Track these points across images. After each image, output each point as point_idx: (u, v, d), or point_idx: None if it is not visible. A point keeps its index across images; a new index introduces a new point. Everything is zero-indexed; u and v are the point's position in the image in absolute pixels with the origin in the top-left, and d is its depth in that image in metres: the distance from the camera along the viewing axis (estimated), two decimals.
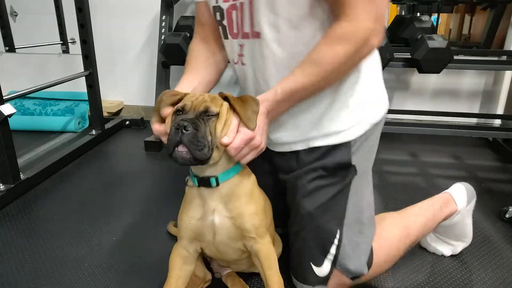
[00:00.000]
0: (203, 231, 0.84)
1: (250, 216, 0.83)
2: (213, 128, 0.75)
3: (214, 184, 0.81)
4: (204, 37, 1.06)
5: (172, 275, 0.88)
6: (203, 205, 0.83)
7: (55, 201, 1.51)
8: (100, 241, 1.26)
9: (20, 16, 2.57)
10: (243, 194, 0.83)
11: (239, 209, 0.83)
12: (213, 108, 0.75)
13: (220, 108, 0.77)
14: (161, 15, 2.16)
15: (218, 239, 0.85)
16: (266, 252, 0.86)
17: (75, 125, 2.33)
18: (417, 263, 1.16)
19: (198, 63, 1.03)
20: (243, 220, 0.82)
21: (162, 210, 1.45)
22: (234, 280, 1.04)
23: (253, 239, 0.85)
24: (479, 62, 2.00)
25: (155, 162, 1.92)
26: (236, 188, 0.83)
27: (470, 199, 1.15)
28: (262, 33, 0.87)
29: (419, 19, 2.00)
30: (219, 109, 0.76)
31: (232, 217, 0.83)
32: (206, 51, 1.06)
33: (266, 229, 0.88)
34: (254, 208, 0.84)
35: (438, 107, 2.39)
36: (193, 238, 0.87)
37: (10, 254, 1.18)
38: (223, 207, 0.83)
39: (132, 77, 2.60)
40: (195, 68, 1.02)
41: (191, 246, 0.88)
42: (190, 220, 0.84)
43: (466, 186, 1.17)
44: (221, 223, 0.83)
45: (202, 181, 0.81)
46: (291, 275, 1.02)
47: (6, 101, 1.47)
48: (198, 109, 0.75)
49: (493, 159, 2.00)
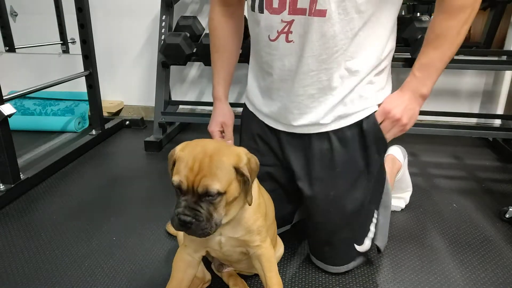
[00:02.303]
0: (209, 244, 0.86)
1: (258, 230, 0.84)
2: (221, 207, 0.71)
3: None
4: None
5: (176, 277, 0.88)
6: None
7: (55, 201, 1.51)
8: (100, 241, 1.26)
9: (20, 16, 2.57)
10: (252, 214, 0.83)
11: (248, 228, 0.83)
12: (214, 187, 0.68)
13: (228, 186, 0.70)
14: (161, 15, 2.16)
15: (223, 250, 0.87)
16: (267, 256, 0.87)
17: (75, 125, 2.33)
18: (417, 263, 1.16)
19: (226, 51, 1.10)
20: (251, 234, 0.84)
21: (162, 210, 1.45)
22: (236, 280, 1.04)
23: (256, 246, 0.86)
24: (479, 62, 1.99)
25: (155, 162, 1.92)
26: (245, 213, 0.82)
27: (404, 155, 1.40)
28: (329, 12, 0.85)
29: (419, 19, 2.00)
30: (224, 187, 0.69)
31: (241, 235, 0.84)
32: (229, 28, 1.09)
33: (266, 232, 0.89)
34: (260, 221, 0.85)
35: (438, 107, 2.39)
36: (199, 248, 0.88)
37: (10, 254, 1.18)
38: (230, 229, 0.83)
39: (132, 77, 2.60)
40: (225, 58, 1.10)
41: (196, 253, 0.89)
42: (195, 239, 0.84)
43: (399, 147, 1.42)
44: (227, 241, 0.84)
45: None
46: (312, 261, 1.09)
47: (6, 101, 1.47)
48: (197, 190, 0.69)
49: (493, 159, 1.99)
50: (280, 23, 0.90)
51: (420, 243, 1.26)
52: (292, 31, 0.90)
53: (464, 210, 1.46)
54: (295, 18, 0.88)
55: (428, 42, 0.89)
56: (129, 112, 2.68)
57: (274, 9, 0.90)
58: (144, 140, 2.08)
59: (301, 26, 0.89)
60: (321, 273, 1.11)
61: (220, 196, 0.70)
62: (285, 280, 1.07)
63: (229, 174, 0.71)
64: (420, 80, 0.90)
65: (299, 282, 1.07)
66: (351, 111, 0.96)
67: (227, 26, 1.09)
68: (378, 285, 1.07)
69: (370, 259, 1.17)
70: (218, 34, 1.09)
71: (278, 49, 0.94)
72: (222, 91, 1.11)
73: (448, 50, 0.88)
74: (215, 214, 0.71)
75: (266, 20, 0.92)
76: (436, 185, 1.68)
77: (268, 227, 0.90)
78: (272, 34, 0.93)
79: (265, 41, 0.95)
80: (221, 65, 1.11)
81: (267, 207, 0.92)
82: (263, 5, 0.91)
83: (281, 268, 1.12)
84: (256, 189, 0.85)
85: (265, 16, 0.92)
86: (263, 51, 0.98)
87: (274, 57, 0.96)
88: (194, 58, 2.04)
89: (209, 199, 0.69)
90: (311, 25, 0.87)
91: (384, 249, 1.20)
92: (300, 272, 1.12)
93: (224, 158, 0.71)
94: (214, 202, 0.70)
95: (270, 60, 0.97)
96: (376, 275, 1.11)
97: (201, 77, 2.51)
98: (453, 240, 1.28)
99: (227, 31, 1.10)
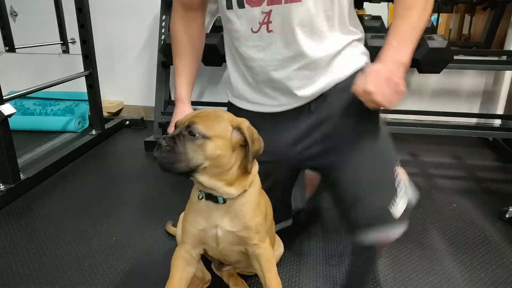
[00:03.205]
0: (206, 239, 0.86)
1: (256, 227, 0.84)
2: (197, 148, 0.73)
3: (221, 201, 0.81)
4: (187, 3, 1.08)
5: (174, 275, 0.88)
6: (207, 218, 0.84)
7: (55, 201, 1.51)
8: (100, 241, 1.26)
9: (20, 16, 2.57)
10: (250, 210, 0.84)
11: (247, 223, 0.83)
12: (198, 126, 0.73)
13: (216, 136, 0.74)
14: (161, 15, 2.16)
15: (221, 247, 0.86)
16: (266, 256, 0.87)
17: (75, 125, 2.33)
18: (417, 263, 1.16)
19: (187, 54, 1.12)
20: (249, 231, 0.84)
21: (162, 210, 1.45)
22: (237, 280, 1.04)
23: (255, 245, 0.86)
24: (479, 62, 1.99)
25: (155, 162, 1.92)
26: (244, 207, 0.83)
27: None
28: None
29: None
30: (210, 133, 0.73)
31: (238, 230, 0.84)
32: (190, 32, 1.11)
33: (266, 233, 0.89)
34: (260, 219, 0.85)
35: (438, 107, 2.39)
36: (197, 244, 0.88)
37: (10, 254, 1.18)
38: (228, 222, 0.83)
39: (132, 77, 2.60)
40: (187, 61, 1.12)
41: (194, 250, 0.89)
42: (192, 228, 0.85)
43: None
44: (224, 235, 0.84)
45: (210, 196, 0.81)
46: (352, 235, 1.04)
47: (6, 101, 1.47)
48: (184, 124, 0.75)
49: (493, 159, 2.00)
50: (261, 14, 0.95)
51: (420, 243, 1.26)
52: (271, 20, 0.95)
53: (464, 210, 1.46)
54: (272, 8, 0.93)
55: (399, 14, 0.92)
56: (129, 112, 2.68)
57: (254, 2, 0.95)
58: (144, 140, 2.08)
59: (278, 15, 0.93)
60: (320, 273, 1.11)
61: (203, 139, 0.72)
62: (285, 281, 1.08)
63: (223, 128, 0.75)
64: (398, 49, 0.91)
65: (299, 282, 1.07)
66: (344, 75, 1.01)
67: (189, 30, 1.12)
68: (378, 285, 1.07)
69: None
70: (179, 38, 1.12)
71: (262, 39, 0.98)
72: (185, 93, 1.13)
73: (419, 19, 0.90)
74: (192, 153, 0.73)
75: (247, 13, 0.97)
76: (436, 185, 1.68)
77: (268, 229, 0.90)
78: (255, 26, 0.97)
79: (248, 34, 0.99)
80: (183, 68, 1.13)
81: (267, 207, 0.92)
82: (243, 0, 0.96)
83: (281, 268, 1.12)
84: (258, 188, 0.86)
85: (246, 10, 0.96)
86: (245, 46, 1.01)
87: (257, 48, 1.00)
88: None
89: (191, 138, 0.73)
90: (288, 12, 0.92)
91: (383, 249, 1.20)
92: (300, 272, 1.12)
93: (225, 115, 0.77)
94: (195, 142, 0.72)
95: (253, 53, 1.01)
96: (376, 275, 1.11)
97: (201, 77, 2.51)
98: (453, 240, 1.28)
99: (189, 35, 1.12)
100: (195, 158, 0.73)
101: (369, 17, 2.09)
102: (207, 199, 0.82)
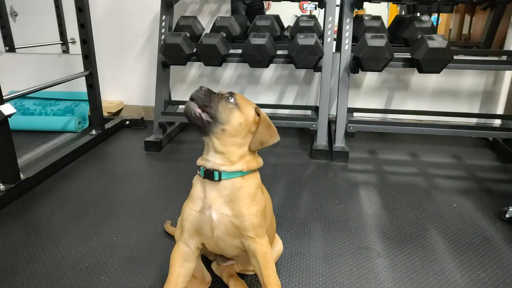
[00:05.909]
0: (201, 224, 0.87)
1: (250, 216, 0.85)
2: (227, 109, 0.83)
3: (217, 177, 0.85)
4: None
5: (173, 272, 0.89)
6: (203, 198, 0.86)
7: (55, 201, 1.51)
8: (100, 241, 1.26)
9: (20, 16, 2.57)
10: (246, 196, 0.86)
11: (240, 209, 0.85)
12: (236, 97, 0.85)
13: (243, 110, 0.86)
14: (161, 15, 2.16)
15: (216, 235, 0.87)
16: (263, 252, 0.88)
17: (75, 125, 2.34)
18: (417, 263, 1.16)
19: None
20: (242, 219, 0.85)
21: (162, 210, 1.45)
22: (237, 280, 1.04)
23: (251, 238, 0.87)
24: (479, 62, 1.99)
25: (155, 162, 1.92)
26: (239, 191, 0.86)
27: None
28: None
29: (419, 19, 2.00)
30: (240, 104, 0.85)
31: (232, 215, 0.85)
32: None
33: (264, 231, 0.89)
34: (255, 209, 0.86)
35: (438, 107, 2.39)
36: (193, 232, 0.89)
37: (10, 254, 1.19)
38: (223, 205, 0.85)
39: (132, 77, 2.60)
40: None
41: (191, 241, 0.90)
42: (190, 212, 0.88)
43: None
44: (219, 219, 0.85)
45: (207, 173, 0.86)
46: None
47: (6, 101, 1.47)
48: (225, 92, 0.87)
49: (493, 159, 2.00)
50: None
51: (420, 243, 1.26)
52: None
53: (464, 210, 1.46)
54: None
55: None
56: (129, 112, 2.68)
57: None
58: (144, 140, 2.08)
59: None
60: (320, 273, 1.11)
61: (236, 106, 0.85)
62: (284, 281, 1.08)
63: (250, 109, 0.88)
64: None
65: (298, 282, 1.08)
66: None
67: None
68: (378, 285, 1.07)
69: (370, 259, 1.17)
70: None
71: None
72: None
73: None
74: (221, 109, 0.83)
75: None
76: (436, 185, 1.68)
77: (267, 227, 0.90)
78: None
79: None
80: None
81: (267, 205, 0.93)
82: None
83: (281, 268, 1.12)
84: (256, 180, 0.90)
85: None
86: None
87: None
88: (194, 58, 2.04)
89: (227, 100, 0.84)
90: None
91: (383, 249, 1.20)
92: (299, 272, 1.12)
93: (253, 104, 0.91)
94: (228, 104, 0.84)
95: None
96: (376, 275, 1.11)
97: (201, 77, 2.51)
98: (453, 240, 1.28)
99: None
100: (221, 114, 0.83)
101: (369, 17, 2.09)
102: (205, 177, 0.86)
